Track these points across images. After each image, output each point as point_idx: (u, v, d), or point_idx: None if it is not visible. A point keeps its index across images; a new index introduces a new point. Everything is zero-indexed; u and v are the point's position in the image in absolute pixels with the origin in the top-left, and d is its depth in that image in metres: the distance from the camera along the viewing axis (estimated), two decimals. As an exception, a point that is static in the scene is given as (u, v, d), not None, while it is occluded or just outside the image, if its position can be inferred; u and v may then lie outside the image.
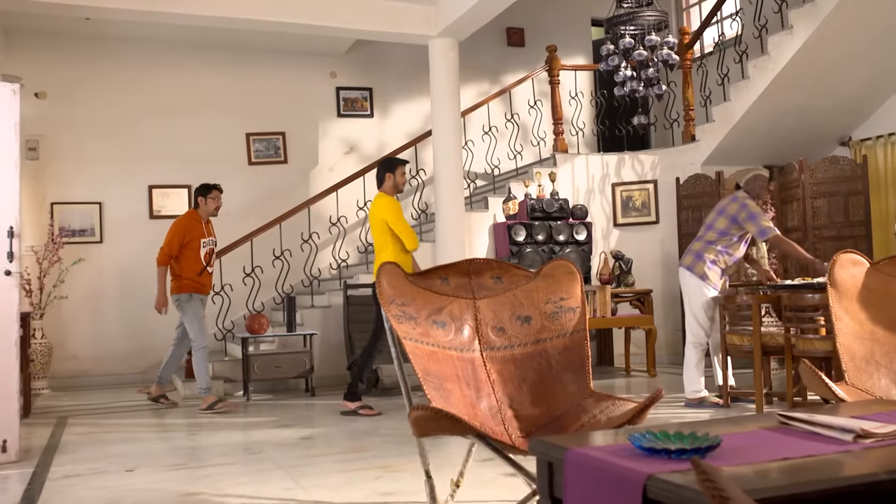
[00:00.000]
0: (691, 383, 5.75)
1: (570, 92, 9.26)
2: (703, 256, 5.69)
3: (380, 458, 4.39)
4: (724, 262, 5.72)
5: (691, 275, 5.73)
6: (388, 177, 6.12)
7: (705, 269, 5.66)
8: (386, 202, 6.00)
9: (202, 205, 6.68)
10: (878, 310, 3.33)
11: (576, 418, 2.90)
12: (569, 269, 3.37)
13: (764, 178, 5.75)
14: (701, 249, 5.73)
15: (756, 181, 5.73)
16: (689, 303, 5.83)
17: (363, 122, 9.50)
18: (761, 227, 5.49)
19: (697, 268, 5.69)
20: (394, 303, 3.05)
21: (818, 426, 2.14)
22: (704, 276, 5.67)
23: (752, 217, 5.52)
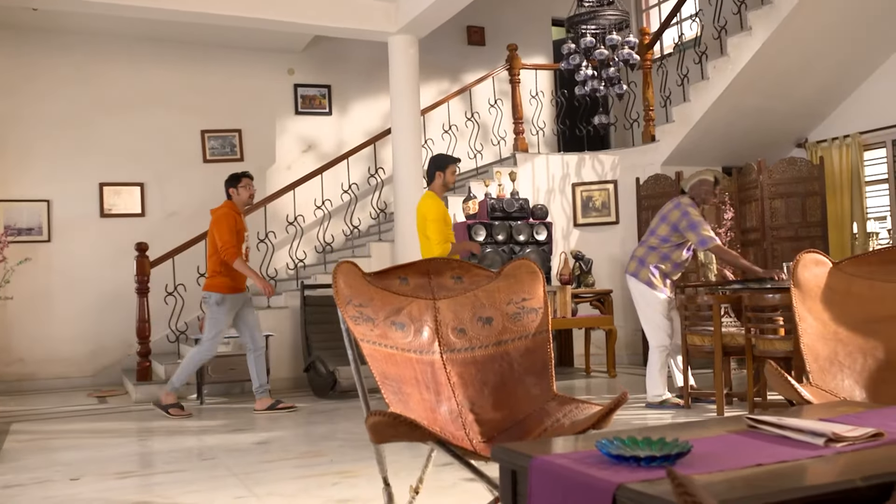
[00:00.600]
0: (654, 387, 5.71)
1: (531, 91, 9.22)
2: (646, 262, 5.67)
3: (336, 464, 4.26)
4: (667, 268, 5.69)
5: (637, 281, 5.70)
6: (437, 175, 5.99)
7: (650, 276, 5.64)
8: (432, 200, 5.91)
9: (235, 195, 6.37)
10: (840, 310, 3.30)
11: (539, 422, 2.82)
12: (531, 268, 3.29)
13: (709, 183, 5.72)
14: (644, 255, 5.70)
15: (701, 186, 5.70)
16: (640, 309, 5.78)
17: (321, 120, 9.35)
18: (701, 237, 5.47)
19: (642, 274, 5.67)
20: (350, 303, 2.94)
21: (788, 430, 2.08)
22: (650, 283, 5.65)
23: (693, 226, 5.49)
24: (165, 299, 7.38)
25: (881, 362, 3.18)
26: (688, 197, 5.71)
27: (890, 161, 8.15)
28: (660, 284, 5.66)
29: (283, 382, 7.40)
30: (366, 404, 2.73)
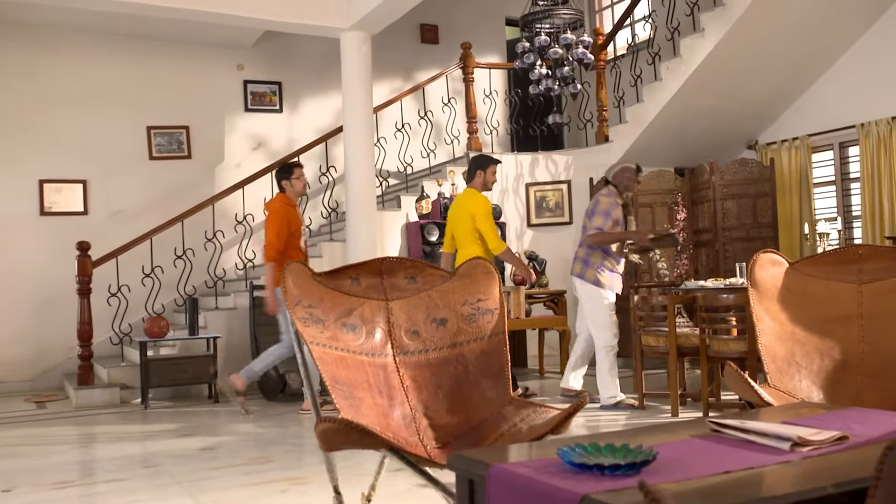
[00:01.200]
0: (606, 389, 5.63)
1: (485, 90, 9.16)
2: (590, 262, 5.60)
3: (286, 470, 4.13)
4: (611, 263, 5.62)
5: (584, 282, 5.63)
6: (478, 174, 6.00)
7: (597, 275, 5.57)
8: (478, 197, 5.91)
9: (288, 188, 6.16)
10: (797, 310, 3.28)
11: (495, 427, 2.73)
12: (486, 268, 3.21)
13: (631, 170, 5.73)
14: (586, 255, 5.64)
15: (624, 173, 5.71)
16: (587, 310, 5.68)
17: (272, 117, 9.16)
18: (592, 224, 5.50)
19: (588, 274, 5.60)
20: (300, 304, 2.82)
21: (752, 434, 2.03)
22: (597, 282, 5.58)
23: (596, 213, 5.52)
24: (109, 300, 7.14)
25: (837, 362, 3.16)
26: (610, 186, 5.70)
27: (837, 163, 8.26)
28: (607, 283, 5.60)
29: (232, 385, 7.21)
30: (315, 410, 2.61)
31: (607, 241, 5.54)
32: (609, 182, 5.76)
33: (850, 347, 3.19)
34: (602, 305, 5.60)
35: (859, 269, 3.33)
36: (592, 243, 5.55)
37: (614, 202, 5.59)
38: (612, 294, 5.64)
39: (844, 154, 8.22)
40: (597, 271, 5.57)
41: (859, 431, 2.06)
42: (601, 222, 5.52)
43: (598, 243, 5.55)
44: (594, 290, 5.60)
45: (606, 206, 5.54)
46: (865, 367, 3.12)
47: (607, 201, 5.58)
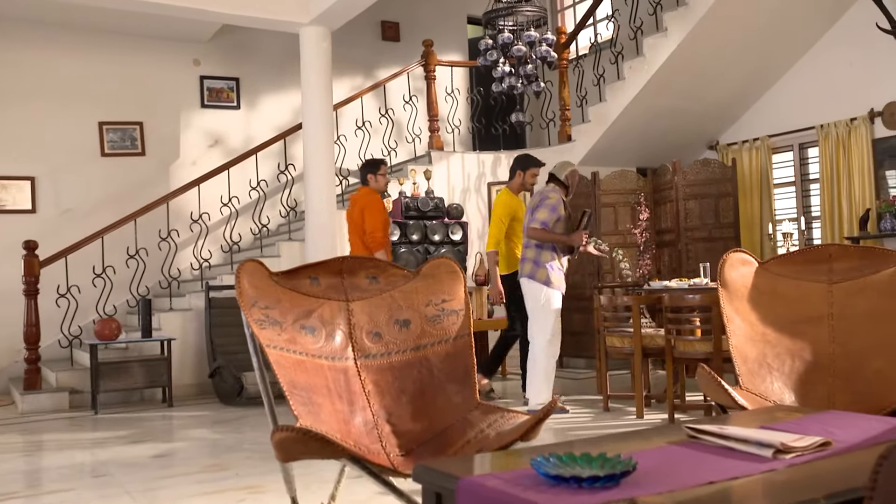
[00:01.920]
0: (539, 393, 5.42)
1: (446, 88, 9.05)
2: (541, 262, 5.47)
3: (242, 478, 3.97)
4: (559, 262, 5.52)
5: (534, 282, 5.47)
6: (518, 174, 6.09)
7: (548, 275, 5.43)
8: (504, 198, 6.09)
9: (373, 182, 6.17)
10: (767, 311, 3.22)
11: (461, 433, 2.61)
12: (451, 268, 3.10)
13: (576, 172, 5.73)
14: (536, 256, 5.50)
15: (574, 176, 5.69)
16: (534, 311, 5.50)
17: (229, 114, 8.95)
18: (537, 217, 5.41)
19: (539, 274, 5.44)
20: (256, 305, 2.68)
21: (732, 440, 1.94)
22: (548, 282, 5.44)
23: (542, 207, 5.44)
24: (58, 301, 6.88)
25: (809, 364, 3.11)
26: (559, 184, 5.63)
27: (797, 164, 8.30)
28: (557, 283, 5.48)
29: (187, 389, 7.00)
30: (272, 418, 2.47)
31: (547, 240, 5.42)
32: (556, 179, 5.67)
33: (821, 348, 3.14)
34: (550, 308, 5.43)
35: (829, 269, 3.29)
36: (533, 236, 5.43)
37: (561, 199, 5.53)
38: (560, 295, 5.50)
39: (804, 155, 8.27)
40: (548, 271, 5.44)
41: (840, 437, 1.98)
42: (546, 216, 5.40)
43: (539, 238, 5.42)
44: (545, 291, 5.44)
45: (555, 202, 5.46)
46: (836, 368, 3.07)
47: (556, 197, 5.50)
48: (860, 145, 7.49)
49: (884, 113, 7.39)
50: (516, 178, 6.09)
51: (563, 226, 5.48)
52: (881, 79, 7.39)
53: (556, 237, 5.41)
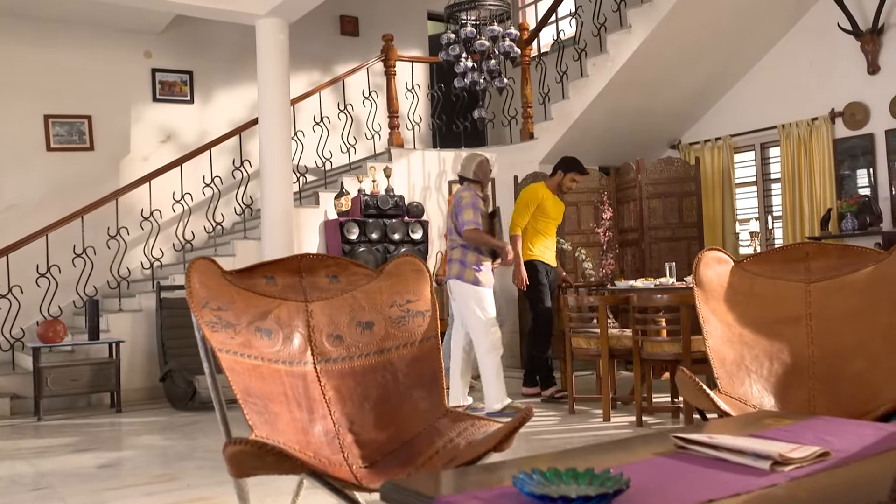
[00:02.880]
0: (494, 395, 5.27)
1: (407, 84, 8.86)
2: (467, 262, 5.37)
3: (194, 489, 3.75)
4: (485, 261, 5.41)
5: (463, 283, 5.35)
6: (558, 174, 6.16)
7: (476, 275, 5.33)
8: (532, 190, 6.10)
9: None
10: (744, 311, 3.11)
11: (429, 443, 2.45)
12: (416, 266, 2.93)
13: (486, 162, 5.61)
14: (462, 256, 5.41)
15: (482, 167, 5.57)
16: (469, 313, 5.35)
17: (182, 108, 8.65)
18: (463, 221, 5.34)
19: (467, 274, 5.34)
20: (207, 306, 2.48)
21: (725, 451, 1.80)
22: (477, 281, 5.33)
23: (462, 209, 5.38)
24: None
25: (788, 366, 3.00)
26: (472, 182, 5.55)
27: (758, 164, 8.29)
28: (486, 281, 5.38)
29: (137, 393, 6.73)
30: (225, 429, 2.28)
31: (481, 242, 5.36)
32: (467, 180, 5.59)
33: (800, 350, 3.04)
34: (484, 306, 5.32)
35: (807, 268, 3.19)
36: (469, 237, 5.33)
37: (476, 195, 5.47)
38: (491, 293, 5.41)
39: (765, 155, 8.26)
40: (475, 270, 5.34)
41: (837, 445, 1.86)
42: (472, 216, 5.33)
43: (474, 240, 5.35)
44: (475, 291, 5.32)
45: (471, 200, 5.39)
46: (816, 370, 2.97)
47: (469, 195, 5.44)
48: (821, 145, 7.49)
49: (844, 113, 7.39)
50: (556, 177, 6.16)
51: (484, 223, 5.44)
52: (842, 79, 7.40)
53: (490, 241, 5.37)
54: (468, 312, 5.35)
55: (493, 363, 5.28)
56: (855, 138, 7.34)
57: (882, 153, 7.17)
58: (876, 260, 3.06)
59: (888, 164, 7.13)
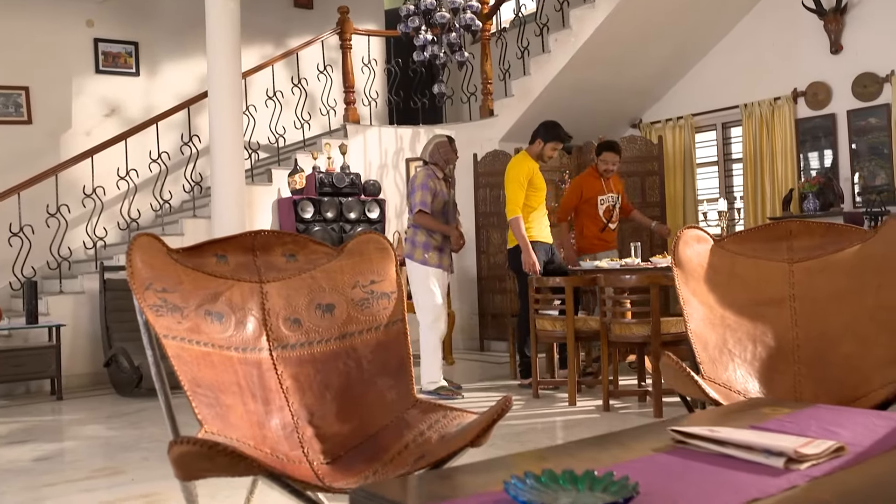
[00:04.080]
0: (428, 373, 5.28)
1: (363, 59, 8.58)
2: (417, 241, 5.38)
3: (139, 483, 3.49)
4: (437, 241, 5.39)
5: (412, 262, 5.40)
6: (538, 142, 5.84)
7: (424, 255, 5.34)
8: (519, 163, 5.76)
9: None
10: (725, 292, 2.96)
11: (397, 436, 2.24)
12: (380, 244, 2.72)
13: (445, 143, 5.56)
14: (412, 235, 5.44)
15: (439, 149, 5.54)
16: (416, 291, 5.39)
17: (127, 81, 8.26)
18: (414, 202, 5.37)
19: (416, 254, 5.38)
20: (151, 288, 2.24)
21: (731, 447, 1.63)
22: (425, 261, 5.34)
23: (414, 189, 5.41)
24: (-71, 284, 6.18)
25: (772, 350, 2.86)
26: (429, 165, 5.52)
27: (720, 144, 8.21)
28: (434, 261, 5.37)
29: (80, 379, 6.41)
30: (172, 425, 2.04)
31: (429, 227, 5.36)
32: (426, 162, 5.58)
33: (783, 333, 2.90)
34: (428, 286, 5.32)
35: (789, 247, 3.04)
36: (417, 222, 5.36)
37: (431, 174, 5.44)
38: (441, 273, 5.40)
39: (727, 135, 8.18)
40: (423, 250, 5.35)
41: (847, 438, 1.70)
42: (422, 196, 5.34)
43: (423, 225, 5.36)
44: (422, 270, 5.35)
45: (423, 180, 5.39)
46: (801, 354, 2.83)
47: (423, 174, 5.44)
48: (783, 125, 7.42)
49: (807, 93, 7.32)
50: (535, 146, 5.84)
51: (441, 203, 5.43)
52: (805, 58, 7.32)
53: (437, 227, 5.35)
54: (414, 290, 5.41)
55: (432, 342, 5.34)
56: (817, 118, 7.28)
57: (844, 133, 7.13)
58: (861, 239, 2.93)
59: (850, 145, 7.09)
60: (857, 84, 7.01)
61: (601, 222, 6.17)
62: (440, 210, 5.48)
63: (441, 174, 5.54)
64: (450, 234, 5.40)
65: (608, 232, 6.23)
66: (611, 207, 6.20)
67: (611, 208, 6.20)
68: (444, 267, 5.46)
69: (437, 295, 5.36)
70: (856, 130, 7.04)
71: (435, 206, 5.43)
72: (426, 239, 5.40)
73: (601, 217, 6.17)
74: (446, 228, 5.40)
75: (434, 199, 5.41)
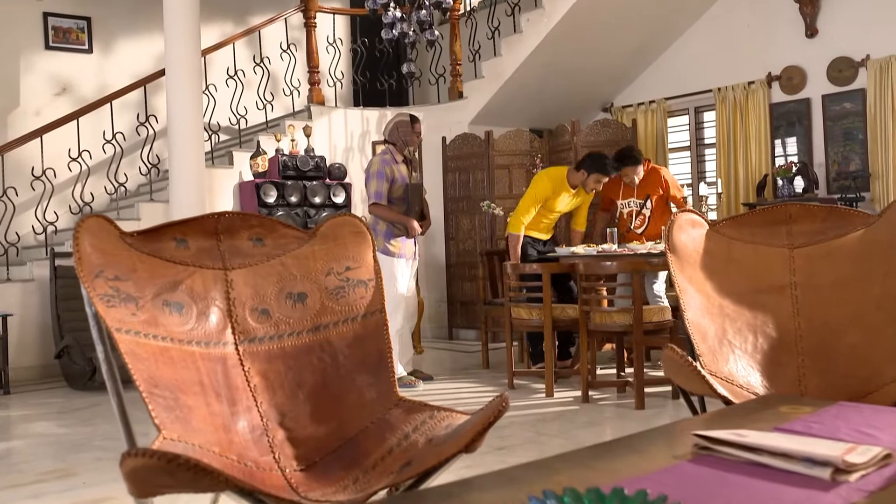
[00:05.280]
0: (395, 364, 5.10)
1: (328, 38, 8.30)
2: (378, 229, 5.21)
3: (91, 487, 3.24)
4: (399, 229, 5.22)
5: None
6: (582, 172, 5.57)
7: (385, 244, 5.18)
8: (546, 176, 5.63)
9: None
10: (723, 279, 2.78)
11: (380, 440, 2.03)
12: (356, 227, 2.50)
13: (405, 122, 5.36)
14: (373, 223, 5.27)
15: (399, 128, 5.35)
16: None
17: (79, 58, 7.88)
18: (369, 192, 5.23)
19: (378, 243, 5.10)
20: (101, 276, 1.99)
21: (765, 455, 1.45)
22: (386, 251, 5.17)
23: (369, 178, 5.26)
24: None
25: (773, 341, 2.69)
26: (388, 146, 5.36)
27: (692, 128, 8.09)
28: (397, 249, 5.22)
29: (28, 372, 6.09)
30: (127, 433, 1.80)
31: (385, 218, 5.20)
32: (386, 141, 5.40)
33: (785, 322, 2.73)
34: (393, 273, 5.11)
35: (789, 232, 2.87)
36: (373, 213, 5.22)
37: (388, 160, 5.26)
38: (402, 262, 5.23)
39: (699, 119, 8.06)
40: (385, 239, 5.18)
41: (888, 442, 1.53)
42: (376, 186, 5.19)
43: (378, 216, 5.22)
44: (384, 259, 5.08)
45: (378, 167, 5.22)
46: (804, 345, 2.66)
47: (378, 161, 5.27)
48: (757, 110, 7.31)
49: (781, 77, 7.22)
50: (579, 174, 5.60)
51: (400, 189, 5.23)
52: (780, 42, 7.21)
53: (393, 217, 5.17)
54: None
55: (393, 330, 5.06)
56: (791, 103, 7.18)
57: (818, 118, 7.04)
58: (865, 223, 2.77)
59: (824, 130, 7.00)
60: (832, 68, 6.91)
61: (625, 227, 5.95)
62: (401, 196, 5.28)
63: (400, 156, 5.34)
64: (406, 224, 5.19)
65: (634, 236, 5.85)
66: (633, 213, 5.90)
67: (633, 213, 5.90)
68: (406, 256, 5.29)
69: (400, 285, 5.19)
70: (830, 116, 6.95)
71: (394, 193, 5.25)
72: (387, 228, 5.24)
73: (624, 222, 5.97)
74: (402, 218, 5.20)
75: (392, 185, 5.23)
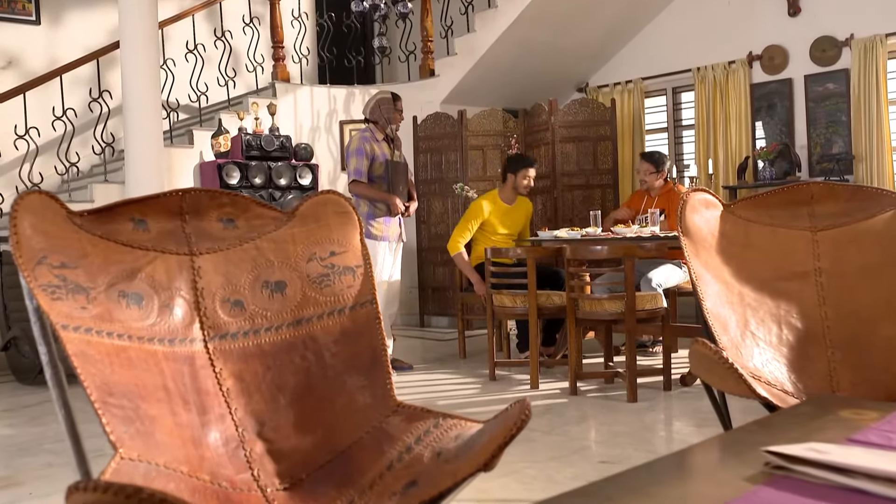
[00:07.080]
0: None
1: (293, 12, 7.92)
2: (359, 210, 4.99)
3: (39, 499, 2.90)
4: (381, 210, 5.03)
5: None
6: (509, 177, 5.53)
7: (368, 226, 4.97)
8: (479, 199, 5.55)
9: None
10: (741, 265, 2.55)
11: (376, 453, 1.74)
12: (341, 207, 2.21)
13: (387, 100, 5.17)
14: (355, 205, 4.87)
15: (380, 106, 5.15)
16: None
17: (25, 30, 7.41)
18: (349, 170, 5.08)
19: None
20: (44, 262, 1.67)
21: (859, 477, 1.20)
22: (368, 233, 4.94)
23: (349, 155, 5.11)
24: None
25: (799, 332, 2.45)
26: (369, 125, 5.17)
27: (670, 109, 7.88)
28: (380, 232, 5.02)
29: (-27, 364, 5.69)
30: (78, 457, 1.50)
31: (365, 196, 5.02)
32: (368, 120, 5.19)
33: (810, 312, 2.50)
34: (374, 258, 4.88)
35: (811, 213, 2.64)
36: (352, 191, 5.03)
37: (367, 137, 5.07)
38: (385, 245, 5.03)
39: (677, 100, 7.85)
40: (366, 220, 4.97)
41: None
42: (356, 164, 5.02)
43: (357, 194, 5.03)
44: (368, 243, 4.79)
45: (357, 145, 5.05)
46: (832, 337, 2.44)
47: (357, 138, 5.09)
48: (738, 90, 7.12)
49: (763, 57, 7.03)
50: (508, 183, 5.53)
51: (381, 167, 5.04)
52: (761, 20, 7.02)
53: (374, 194, 4.98)
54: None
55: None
56: (773, 83, 6.99)
57: (801, 99, 6.86)
58: (893, 204, 2.55)
59: (806, 111, 6.83)
60: (815, 48, 6.74)
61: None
62: (381, 174, 5.05)
63: (381, 135, 5.12)
64: (388, 202, 4.98)
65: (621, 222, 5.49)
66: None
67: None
68: (389, 238, 5.05)
69: (382, 270, 4.98)
70: (813, 96, 6.78)
71: (375, 171, 5.04)
72: (369, 209, 5.03)
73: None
74: (383, 196, 5.00)
75: (372, 163, 5.02)
